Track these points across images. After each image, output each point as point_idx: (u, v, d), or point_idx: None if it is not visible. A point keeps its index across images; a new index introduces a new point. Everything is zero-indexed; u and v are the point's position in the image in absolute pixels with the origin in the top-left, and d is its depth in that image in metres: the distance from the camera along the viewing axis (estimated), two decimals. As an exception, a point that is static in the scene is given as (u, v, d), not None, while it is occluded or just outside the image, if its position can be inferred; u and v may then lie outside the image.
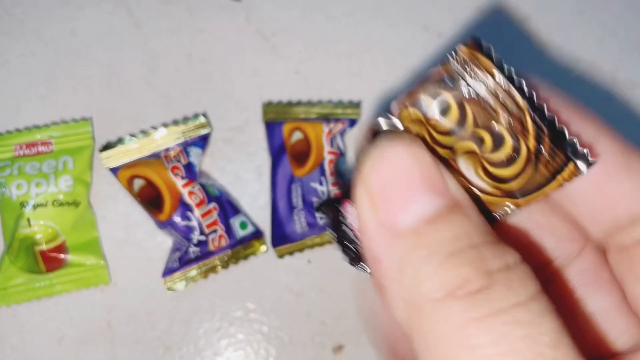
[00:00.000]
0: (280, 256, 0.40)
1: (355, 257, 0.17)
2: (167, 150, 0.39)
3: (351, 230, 0.17)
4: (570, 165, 0.15)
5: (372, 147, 0.14)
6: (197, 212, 0.38)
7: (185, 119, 0.41)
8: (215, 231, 0.39)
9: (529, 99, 0.15)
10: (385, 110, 0.15)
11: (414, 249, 0.13)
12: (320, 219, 0.40)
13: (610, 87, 0.46)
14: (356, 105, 0.42)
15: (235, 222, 0.39)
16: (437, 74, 0.15)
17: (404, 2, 0.45)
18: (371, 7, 0.45)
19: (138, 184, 0.38)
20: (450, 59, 0.15)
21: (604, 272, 0.17)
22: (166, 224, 0.38)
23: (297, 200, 0.40)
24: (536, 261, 0.18)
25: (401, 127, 0.15)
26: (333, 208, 0.17)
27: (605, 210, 0.16)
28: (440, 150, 0.15)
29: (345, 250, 0.18)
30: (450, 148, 0.15)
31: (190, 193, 0.38)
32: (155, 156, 0.39)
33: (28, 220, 0.37)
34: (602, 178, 0.15)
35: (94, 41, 0.43)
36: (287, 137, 0.40)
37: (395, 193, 0.13)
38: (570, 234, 0.17)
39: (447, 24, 0.45)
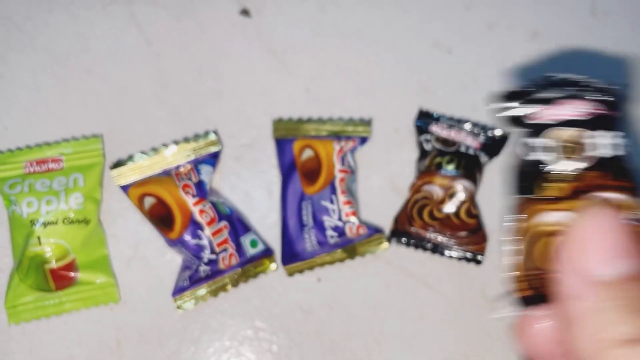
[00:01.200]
0: (290, 274, 0.40)
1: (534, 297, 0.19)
2: (177, 167, 0.39)
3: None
4: None
5: (588, 208, 0.17)
6: (207, 231, 0.38)
7: (196, 136, 0.41)
8: (225, 250, 0.38)
9: None
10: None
11: (612, 297, 0.15)
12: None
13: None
14: (367, 122, 0.42)
15: (245, 240, 0.39)
16: None
17: (413, 19, 0.45)
18: (381, 24, 0.45)
19: (149, 202, 0.38)
20: None
21: None
22: (176, 243, 0.38)
23: (308, 219, 0.40)
24: None
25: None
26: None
27: None
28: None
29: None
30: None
31: (201, 211, 0.38)
32: (166, 174, 0.39)
33: (38, 238, 0.37)
34: None
35: (104, 57, 0.43)
36: (297, 155, 0.40)
37: (606, 247, 0.16)
38: None
39: (457, 40, 0.45)
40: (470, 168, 0.40)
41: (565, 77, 0.20)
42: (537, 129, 0.20)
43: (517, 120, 0.21)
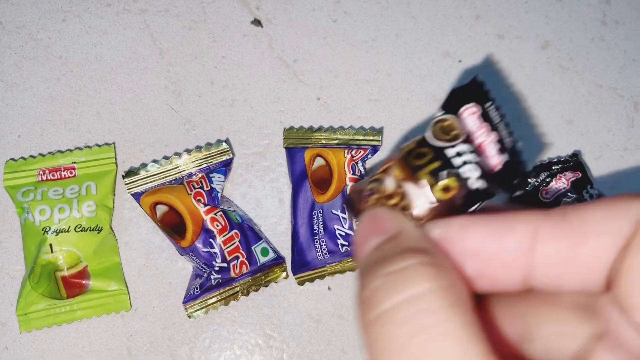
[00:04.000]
0: (301, 283, 0.40)
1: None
2: (189, 176, 0.39)
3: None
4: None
5: (362, 215, 0.21)
6: (219, 239, 0.38)
7: (208, 145, 0.41)
8: (236, 258, 0.38)
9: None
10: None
11: (369, 260, 0.18)
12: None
13: (632, 113, 0.45)
14: (377, 131, 0.42)
15: (256, 248, 0.39)
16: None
17: (424, 29, 0.46)
18: (392, 33, 0.45)
19: (161, 210, 0.38)
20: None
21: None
22: (188, 251, 0.38)
23: (319, 227, 0.40)
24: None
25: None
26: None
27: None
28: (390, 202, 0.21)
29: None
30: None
31: (213, 220, 0.38)
32: (178, 182, 0.39)
33: (50, 245, 0.38)
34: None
35: (117, 67, 0.43)
36: (308, 163, 0.40)
37: (361, 237, 0.19)
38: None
39: (467, 50, 0.45)
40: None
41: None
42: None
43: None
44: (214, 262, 0.38)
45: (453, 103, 0.21)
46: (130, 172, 0.39)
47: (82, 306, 0.38)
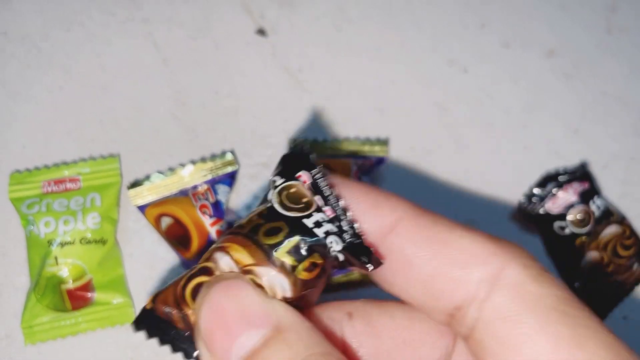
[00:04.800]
0: (307, 294, 0.40)
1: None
2: (194, 187, 0.39)
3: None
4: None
5: (200, 294, 0.15)
6: (224, 251, 0.38)
7: (213, 156, 0.41)
8: (242, 270, 0.38)
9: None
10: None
11: None
12: None
13: (638, 122, 0.45)
14: (384, 142, 0.42)
15: (262, 260, 0.39)
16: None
17: (429, 37, 0.45)
18: (396, 42, 0.45)
19: (166, 222, 0.38)
20: None
21: None
22: (193, 263, 0.38)
23: (324, 238, 0.40)
24: None
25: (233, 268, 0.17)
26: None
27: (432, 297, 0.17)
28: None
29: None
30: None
31: (218, 232, 0.38)
32: (183, 194, 0.39)
33: (55, 258, 0.37)
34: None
35: (121, 76, 0.43)
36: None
37: (220, 337, 0.14)
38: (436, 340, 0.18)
39: (472, 58, 0.45)
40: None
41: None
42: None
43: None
44: (219, 275, 0.38)
45: (289, 169, 0.18)
46: (135, 184, 0.39)
47: (86, 319, 0.38)
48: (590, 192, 0.40)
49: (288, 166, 0.18)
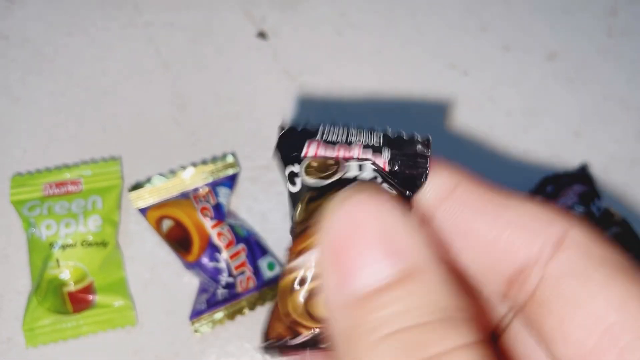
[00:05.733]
0: (308, 297, 0.40)
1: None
2: (195, 190, 0.39)
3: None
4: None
5: (336, 197, 0.13)
6: (225, 254, 0.38)
7: (214, 159, 0.41)
8: (243, 272, 0.38)
9: None
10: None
11: (357, 325, 0.12)
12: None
13: (638, 124, 0.45)
14: (384, 145, 0.42)
15: (263, 263, 0.39)
16: None
17: (430, 40, 0.46)
18: (397, 45, 0.45)
19: (167, 224, 0.38)
20: None
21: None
22: (194, 265, 0.38)
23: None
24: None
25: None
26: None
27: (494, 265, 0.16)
28: None
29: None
30: None
31: (219, 234, 0.38)
32: (184, 196, 0.39)
33: (57, 261, 0.37)
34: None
35: (123, 80, 0.43)
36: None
37: (351, 255, 0.12)
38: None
39: (473, 62, 0.45)
40: None
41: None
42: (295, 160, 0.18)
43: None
44: (220, 277, 0.38)
45: (289, 157, 0.18)
46: (136, 186, 0.39)
47: (87, 321, 0.38)
48: (591, 194, 0.40)
49: (288, 155, 0.18)
